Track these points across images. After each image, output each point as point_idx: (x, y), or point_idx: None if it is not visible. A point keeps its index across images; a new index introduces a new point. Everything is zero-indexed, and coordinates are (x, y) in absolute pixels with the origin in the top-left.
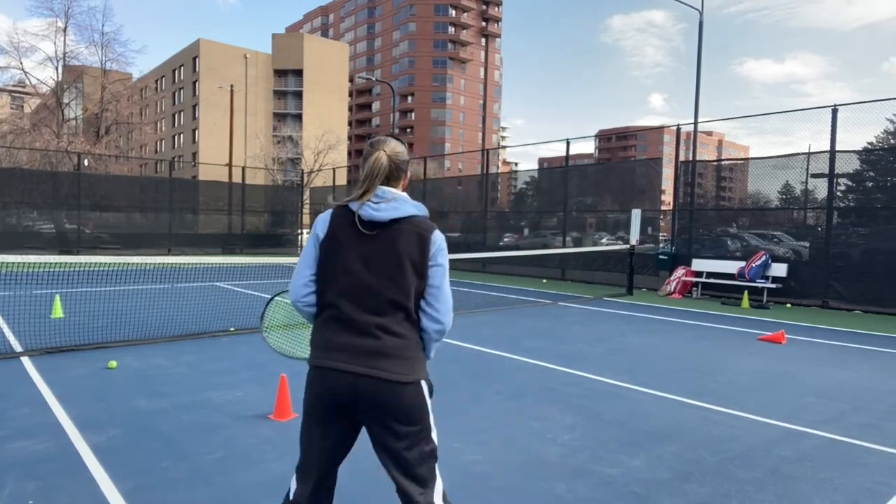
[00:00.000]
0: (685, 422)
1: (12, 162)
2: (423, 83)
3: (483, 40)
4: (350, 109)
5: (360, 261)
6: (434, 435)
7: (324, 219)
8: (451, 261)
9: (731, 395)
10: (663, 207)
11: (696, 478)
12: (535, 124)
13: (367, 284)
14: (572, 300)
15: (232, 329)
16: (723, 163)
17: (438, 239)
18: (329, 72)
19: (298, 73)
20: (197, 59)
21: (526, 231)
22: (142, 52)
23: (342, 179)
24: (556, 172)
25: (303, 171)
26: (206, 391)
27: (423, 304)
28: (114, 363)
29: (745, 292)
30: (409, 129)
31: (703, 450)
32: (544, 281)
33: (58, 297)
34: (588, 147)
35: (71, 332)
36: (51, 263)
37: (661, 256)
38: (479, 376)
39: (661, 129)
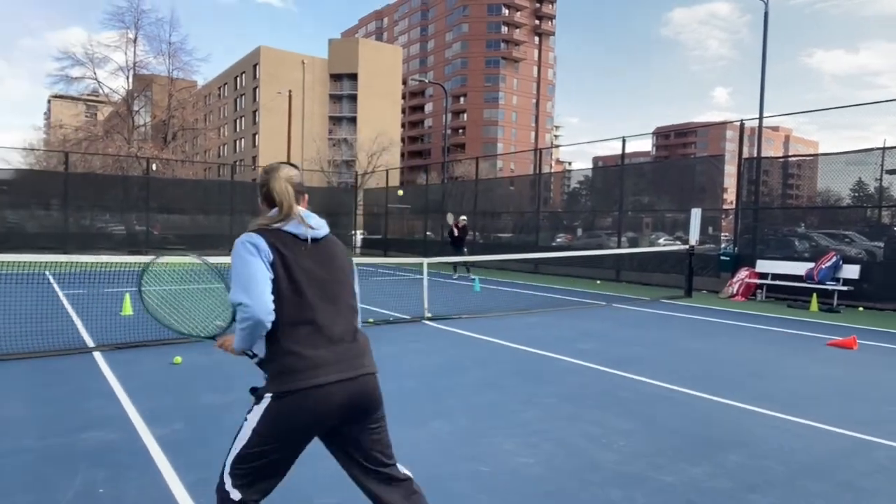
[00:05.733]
0: (749, 430)
1: (87, 167)
2: (475, 84)
3: (536, 39)
4: (403, 112)
5: (319, 275)
6: None
7: (260, 241)
8: (503, 261)
9: (798, 403)
10: (725, 206)
11: (762, 488)
12: (590, 123)
13: (333, 294)
14: (628, 302)
15: None
16: (790, 159)
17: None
18: (383, 75)
19: (353, 76)
20: (257, 66)
21: (579, 231)
22: (206, 61)
23: (395, 180)
24: (611, 171)
25: (357, 172)
26: None
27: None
28: (178, 359)
29: (814, 295)
30: (460, 130)
31: (769, 459)
32: (598, 282)
33: (127, 296)
34: (645, 145)
35: (139, 329)
36: (121, 263)
37: (722, 257)
38: (531, 378)
39: (723, 125)
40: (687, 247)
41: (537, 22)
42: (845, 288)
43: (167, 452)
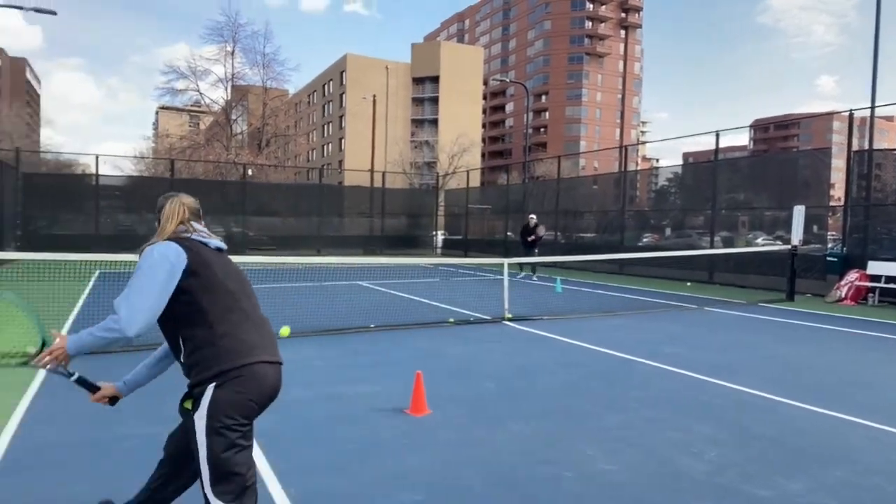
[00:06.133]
0: (853, 443)
1: (190, 173)
2: (557, 81)
3: (622, 32)
4: (484, 112)
5: (234, 276)
6: None
7: (172, 248)
8: (585, 261)
9: None
10: (832, 203)
11: None
12: (681, 118)
13: (248, 290)
14: (721, 305)
15: (372, 326)
16: None
17: None
18: (464, 76)
19: (435, 79)
20: (344, 73)
21: (668, 231)
22: (297, 70)
23: (476, 181)
24: (702, 167)
25: (438, 174)
26: (347, 384)
27: None
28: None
29: None
30: (542, 129)
31: (879, 477)
32: (688, 284)
33: None
34: (741, 139)
35: None
36: None
37: (829, 258)
38: (615, 382)
39: (829, 115)
40: (789, 247)
41: (623, 14)
42: None
43: (260, 443)
